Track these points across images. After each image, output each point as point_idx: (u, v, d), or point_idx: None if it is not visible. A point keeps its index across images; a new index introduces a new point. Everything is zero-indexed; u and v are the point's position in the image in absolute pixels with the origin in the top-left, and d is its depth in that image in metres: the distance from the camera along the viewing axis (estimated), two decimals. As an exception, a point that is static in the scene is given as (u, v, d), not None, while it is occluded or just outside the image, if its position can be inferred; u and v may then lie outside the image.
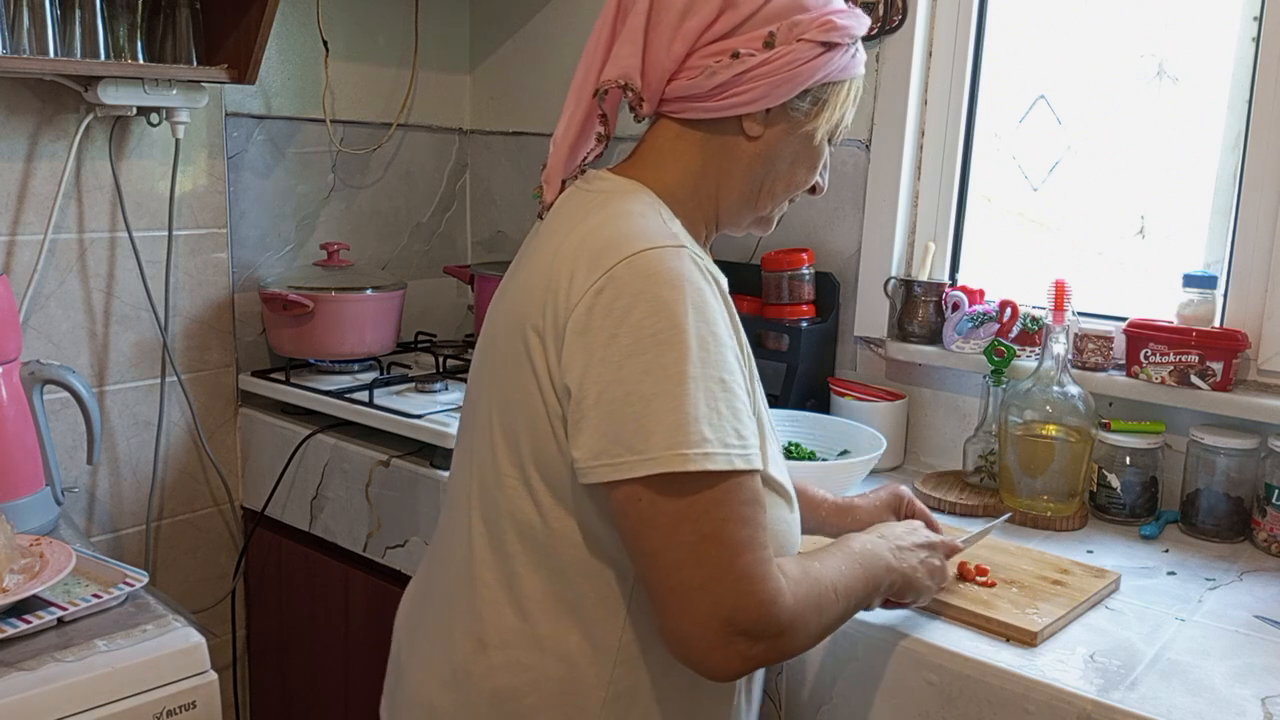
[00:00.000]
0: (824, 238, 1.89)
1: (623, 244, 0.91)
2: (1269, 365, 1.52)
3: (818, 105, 1.02)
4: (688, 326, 0.87)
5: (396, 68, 2.24)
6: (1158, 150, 1.66)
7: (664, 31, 0.97)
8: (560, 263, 0.94)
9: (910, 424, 1.81)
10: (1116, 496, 1.53)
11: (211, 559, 2.07)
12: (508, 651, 0.98)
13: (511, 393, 0.97)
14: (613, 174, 1.04)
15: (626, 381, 0.87)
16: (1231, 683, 1.08)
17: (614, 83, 0.99)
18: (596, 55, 1.02)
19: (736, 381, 0.91)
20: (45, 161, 1.76)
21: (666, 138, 1.04)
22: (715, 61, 0.97)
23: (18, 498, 1.48)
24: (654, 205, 0.99)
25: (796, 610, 0.90)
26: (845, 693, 1.20)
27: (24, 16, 1.58)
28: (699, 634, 0.87)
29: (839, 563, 1.01)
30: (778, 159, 1.04)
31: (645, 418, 0.86)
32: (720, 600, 0.86)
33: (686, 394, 0.86)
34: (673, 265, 0.90)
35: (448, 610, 1.05)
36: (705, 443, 0.86)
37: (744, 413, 0.90)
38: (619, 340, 0.87)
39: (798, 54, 0.97)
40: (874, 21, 1.77)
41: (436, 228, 2.39)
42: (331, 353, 2.01)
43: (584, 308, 0.90)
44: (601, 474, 0.88)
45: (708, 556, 0.86)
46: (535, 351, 0.94)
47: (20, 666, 1.17)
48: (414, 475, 1.72)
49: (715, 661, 0.88)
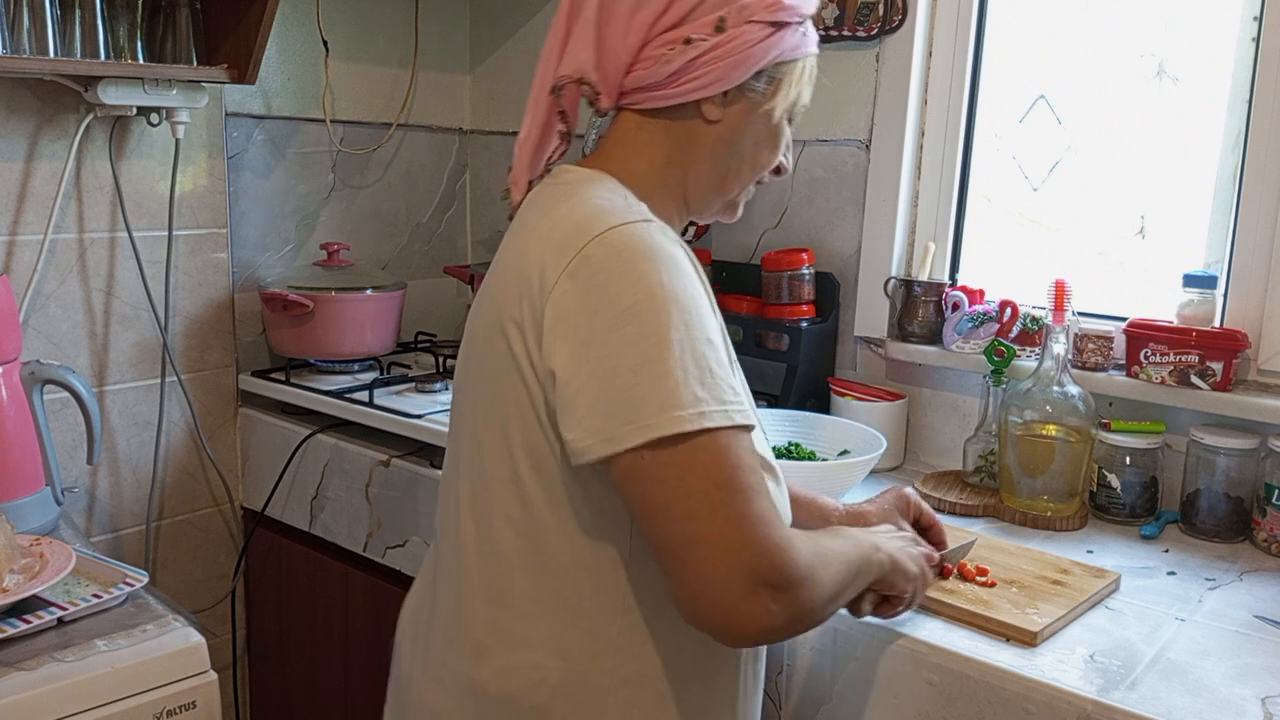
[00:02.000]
0: (824, 238, 1.89)
1: (591, 224, 0.92)
2: (1269, 365, 1.52)
3: (773, 84, 1.03)
4: (666, 294, 0.88)
5: (396, 68, 2.25)
6: (1158, 150, 1.66)
7: (617, 25, 0.99)
8: (531, 253, 0.95)
9: (910, 424, 1.81)
10: (1116, 496, 1.53)
11: (211, 559, 2.07)
12: (508, 655, 0.98)
13: (496, 389, 0.98)
14: (578, 167, 1.06)
15: (612, 356, 0.87)
16: (1231, 683, 1.08)
17: (569, 78, 1.01)
18: (552, 54, 1.04)
19: (720, 343, 0.92)
20: (45, 161, 1.76)
21: (628, 129, 1.05)
22: (669, 50, 0.99)
23: (18, 498, 1.48)
24: (619, 189, 1.01)
25: (809, 559, 0.89)
26: (845, 693, 1.20)
27: (24, 16, 1.58)
28: (721, 586, 0.84)
29: (828, 536, 1.02)
30: (740, 141, 1.05)
31: (636, 387, 0.86)
32: (741, 547, 0.84)
33: (673, 357, 0.86)
34: (643, 236, 0.91)
35: (444, 616, 1.05)
36: (699, 401, 0.86)
37: (731, 371, 0.92)
38: (599, 317, 0.88)
39: (748, 35, 0.98)
40: (874, 21, 1.77)
41: (436, 228, 2.39)
42: (331, 353, 2.02)
43: (559, 291, 0.90)
44: (598, 450, 0.87)
45: (721, 503, 0.85)
46: (516, 344, 0.95)
47: (20, 666, 1.17)
48: (414, 475, 1.72)
49: (741, 617, 0.85)
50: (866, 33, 1.78)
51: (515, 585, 0.98)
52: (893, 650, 1.16)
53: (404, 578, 1.76)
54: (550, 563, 0.97)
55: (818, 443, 1.65)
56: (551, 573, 0.97)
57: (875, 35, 1.78)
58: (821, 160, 1.89)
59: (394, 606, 1.77)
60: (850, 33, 1.80)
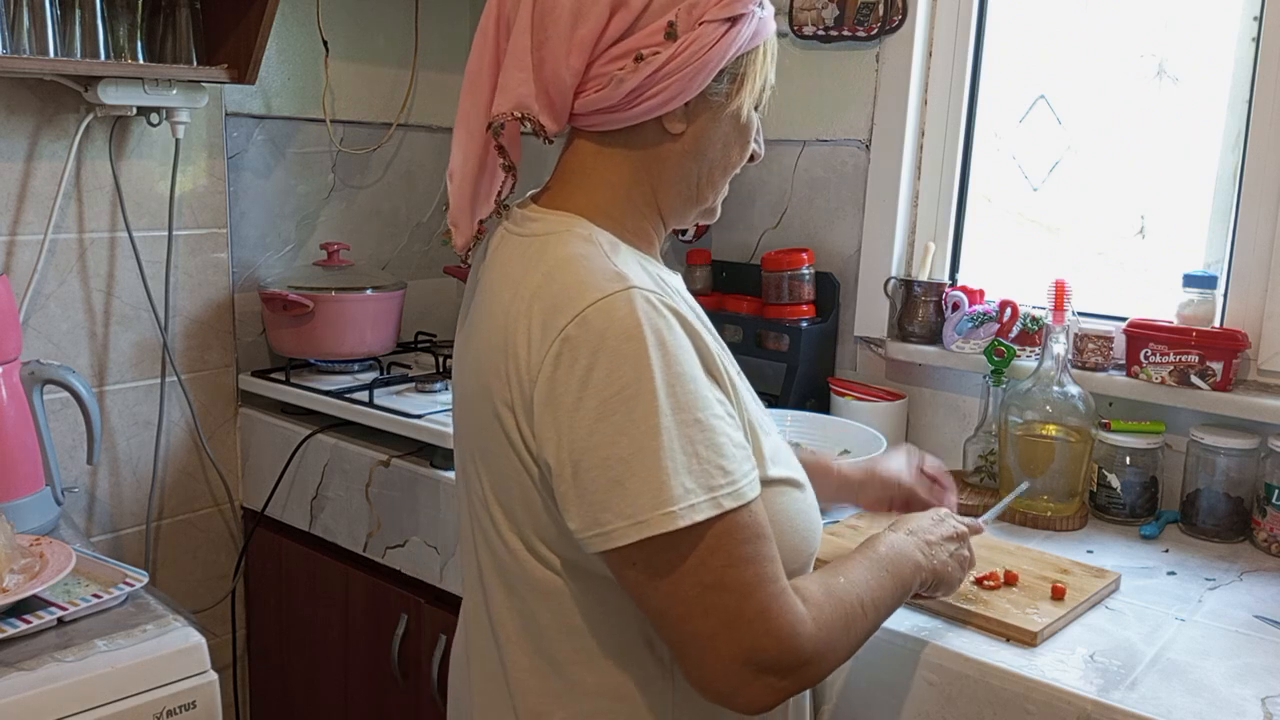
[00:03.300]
0: (824, 238, 1.89)
1: (570, 302, 0.86)
2: (1269, 365, 1.52)
3: (736, 81, 0.95)
4: (652, 375, 0.83)
5: (396, 68, 2.24)
6: (1158, 150, 1.66)
7: (556, 47, 0.90)
8: (513, 328, 0.89)
9: (910, 424, 1.81)
10: (1116, 496, 1.53)
11: (211, 559, 2.07)
12: (568, 707, 0.96)
13: (499, 467, 0.94)
14: (540, 209, 0.97)
15: (601, 447, 0.83)
16: (1231, 683, 1.08)
17: (508, 115, 0.92)
18: (482, 82, 0.95)
19: (714, 414, 0.87)
20: (45, 161, 1.76)
21: (587, 155, 0.97)
22: (619, 69, 0.90)
23: (18, 498, 1.48)
24: (592, 240, 0.92)
25: (820, 637, 0.88)
26: (845, 693, 1.20)
27: (24, 16, 1.58)
28: (722, 678, 0.85)
29: (865, 573, 0.98)
30: (709, 148, 0.97)
31: (628, 479, 0.83)
32: (737, 644, 0.85)
33: (662, 447, 0.83)
34: (624, 313, 0.85)
35: (492, 686, 1.02)
36: (688, 494, 0.83)
37: (728, 444, 0.86)
38: (585, 405, 0.84)
39: (704, 38, 0.90)
40: (874, 21, 1.77)
41: (436, 228, 2.39)
42: (331, 353, 2.01)
43: (545, 377, 0.86)
44: (596, 544, 0.85)
45: (715, 605, 0.85)
46: (509, 426, 0.91)
47: (20, 666, 1.17)
48: (414, 475, 1.72)
49: (746, 700, 0.86)
50: (866, 33, 1.78)
51: (562, 653, 0.96)
52: (893, 650, 1.16)
53: (404, 578, 1.76)
54: (593, 624, 0.94)
55: (818, 443, 1.65)
56: (595, 633, 0.95)
57: (875, 35, 1.78)
58: (821, 160, 1.89)
59: (394, 606, 1.78)
60: (850, 33, 1.80)
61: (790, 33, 1.87)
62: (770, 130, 1.92)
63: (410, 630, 1.75)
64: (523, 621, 0.97)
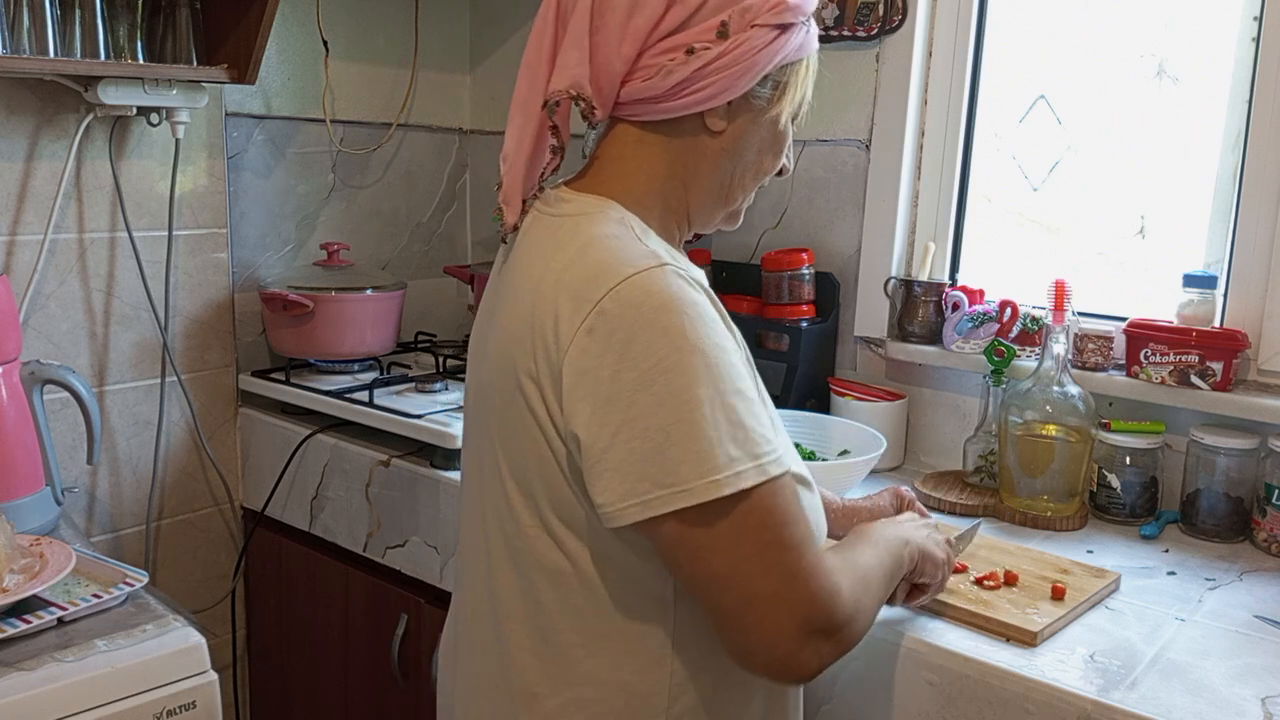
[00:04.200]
0: (824, 238, 1.89)
1: (604, 275, 0.88)
2: (1269, 365, 1.52)
3: (779, 89, 0.99)
4: (691, 347, 0.85)
5: (396, 68, 2.24)
6: (1158, 150, 1.66)
7: (610, 34, 0.93)
8: (542, 302, 0.91)
9: (910, 424, 1.81)
10: (1116, 496, 1.53)
11: (211, 559, 2.07)
12: (563, 694, 0.96)
13: (517, 442, 0.94)
14: (574, 191, 1.00)
15: (641, 418, 0.84)
16: (1231, 683, 1.08)
17: (564, 93, 0.94)
18: (540, 65, 0.97)
19: (749, 387, 0.89)
20: (45, 161, 1.76)
21: (626, 143, 1.00)
22: (670, 60, 0.93)
23: (18, 498, 1.48)
24: (624, 223, 0.95)
25: (854, 598, 0.91)
26: (845, 693, 1.20)
27: (24, 16, 1.58)
28: (779, 641, 0.86)
29: (866, 546, 1.03)
30: (745, 150, 1.01)
31: (669, 448, 0.84)
32: (796, 604, 0.86)
33: (704, 417, 0.84)
34: (660, 286, 0.87)
35: (489, 672, 1.02)
36: (734, 461, 0.84)
37: (764, 416, 0.89)
38: (623, 377, 0.85)
39: (754, 40, 0.93)
40: (874, 21, 1.77)
41: (436, 228, 2.39)
42: (331, 353, 2.01)
43: (578, 349, 0.87)
44: (631, 514, 0.85)
45: (775, 563, 0.86)
46: (534, 400, 0.91)
47: (20, 666, 1.17)
48: (414, 475, 1.72)
49: (798, 665, 0.88)
50: (866, 33, 1.78)
51: (563, 633, 0.96)
52: (893, 650, 1.16)
53: (404, 578, 1.76)
54: (596, 608, 0.95)
55: (818, 443, 1.65)
56: (599, 617, 0.95)
57: (875, 35, 1.78)
58: (821, 160, 1.89)
59: (394, 606, 1.78)
60: (850, 33, 1.80)
61: (790, 33, 1.86)
62: (770, 130, 1.92)
63: (410, 630, 1.75)
64: (527, 602, 0.97)
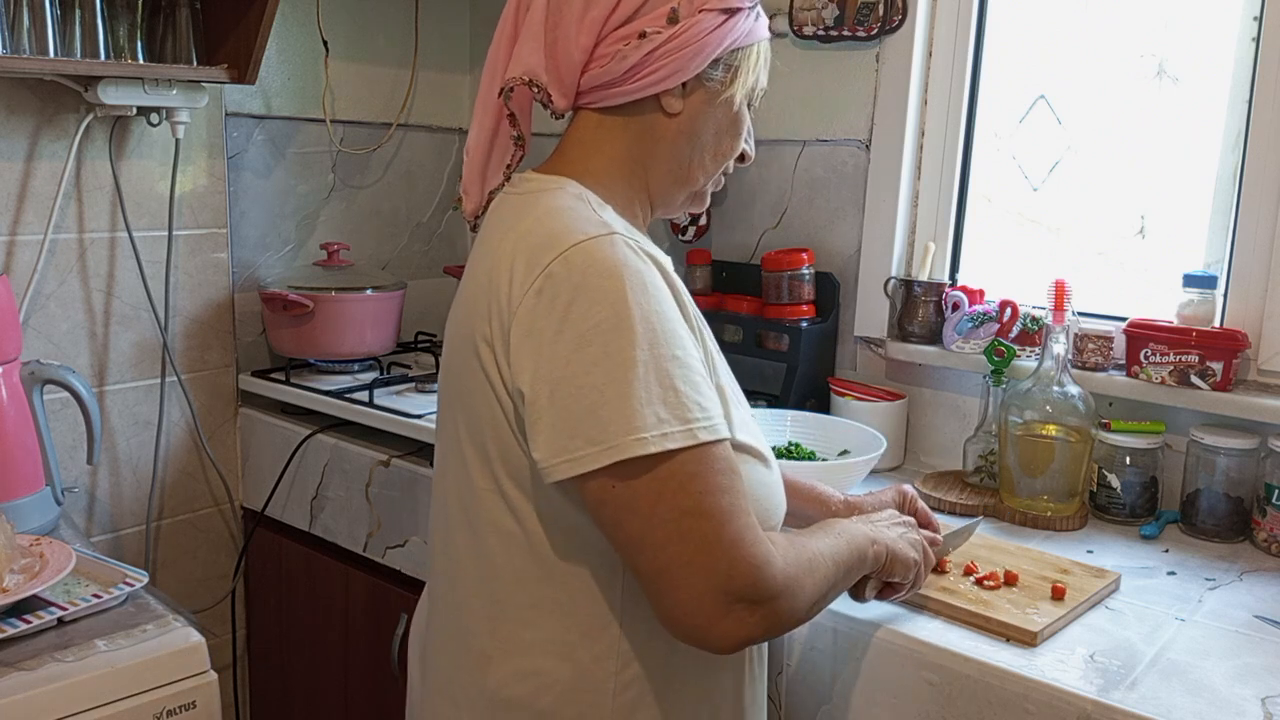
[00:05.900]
0: (824, 238, 1.89)
1: (555, 241, 0.92)
2: (1269, 365, 1.52)
3: (731, 71, 1.03)
4: (630, 311, 0.88)
5: (396, 68, 2.24)
6: (1158, 150, 1.66)
7: (568, 25, 0.98)
8: (498, 269, 0.95)
9: (910, 424, 1.81)
10: (1116, 496, 1.53)
11: (211, 559, 2.07)
12: (512, 661, 0.99)
13: (473, 405, 0.98)
14: (538, 173, 1.05)
15: (577, 376, 0.87)
16: (1231, 683, 1.08)
17: (518, 79, 1.00)
18: (499, 55, 1.03)
19: (690, 355, 0.91)
20: (45, 161, 1.76)
21: (588, 128, 1.04)
22: (624, 45, 0.98)
23: (18, 498, 1.48)
24: (580, 196, 1.00)
25: (789, 572, 0.91)
26: (845, 693, 1.20)
27: (24, 16, 1.58)
28: (696, 608, 0.87)
29: (822, 534, 1.03)
30: (701, 131, 1.04)
31: (600, 407, 0.86)
32: (712, 571, 0.87)
33: (637, 378, 0.87)
34: (607, 253, 0.90)
35: (445, 630, 1.05)
36: (661, 423, 0.86)
37: (703, 384, 0.91)
38: (564, 336, 0.88)
39: (702, 24, 0.99)
40: (874, 21, 1.77)
41: (436, 228, 2.39)
42: (331, 353, 2.02)
43: (526, 309, 0.90)
44: (563, 470, 0.88)
45: (692, 531, 0.87)
46: (487, 360, 0.95)
47: (20, 666, 1.17)
48: (414, 475, 1.72)
49: (718, 634, 0.88)
50: (866, 33, 1.78)
51: (512, 595, 0.99)
52: (893, 650, 1.16)
53: (404, 578, 1.76)
54: (545, 571, 0.97)
55: (818, 443, 1.65)
56: (547, 581, 0.98)
57: (875, 35, 1.78)
58: (821, 160, 1.89)
59: (394, 606, 1.78)
60: (850, 33, 1.80)
61: (790, 33, 1.87)
62: (770, 130, 1.92)
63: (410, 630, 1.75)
64: (480, 564, 1.00)
